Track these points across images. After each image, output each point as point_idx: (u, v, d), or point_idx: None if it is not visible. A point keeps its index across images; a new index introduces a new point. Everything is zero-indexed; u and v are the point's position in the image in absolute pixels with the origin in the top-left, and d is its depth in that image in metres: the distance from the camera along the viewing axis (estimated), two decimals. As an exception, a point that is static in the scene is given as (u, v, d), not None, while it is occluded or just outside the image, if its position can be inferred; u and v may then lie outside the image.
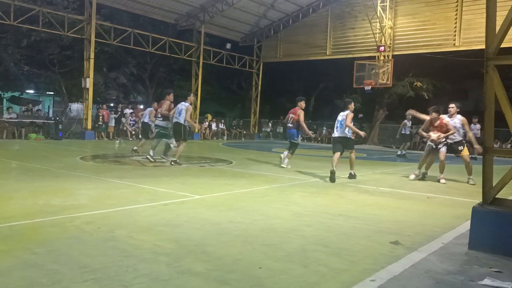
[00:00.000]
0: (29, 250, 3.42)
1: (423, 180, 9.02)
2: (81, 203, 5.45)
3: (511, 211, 3.80)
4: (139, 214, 4.86)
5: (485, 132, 4.11)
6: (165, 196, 6.00)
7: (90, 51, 18.80)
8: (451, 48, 20.15)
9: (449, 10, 19.90)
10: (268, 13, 24.47)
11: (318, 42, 24.46)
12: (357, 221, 4.92)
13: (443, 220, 5.21)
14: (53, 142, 16.83)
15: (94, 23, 18.74)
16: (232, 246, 3.75)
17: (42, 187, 6.40)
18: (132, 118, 21.04)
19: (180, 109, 9.97)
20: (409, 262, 3.48)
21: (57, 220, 4.42)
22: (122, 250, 3.50)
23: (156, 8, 21.65)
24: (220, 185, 7.40)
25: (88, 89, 18.84)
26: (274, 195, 6.63)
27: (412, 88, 24.99)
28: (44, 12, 17.72)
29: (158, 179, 7.63)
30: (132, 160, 11.08)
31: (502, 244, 3.75)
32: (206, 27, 23.79)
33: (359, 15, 22.49)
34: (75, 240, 3.76)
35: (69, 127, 20.67)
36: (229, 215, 4.95)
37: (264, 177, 8.79)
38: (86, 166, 9.63)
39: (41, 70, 23.62)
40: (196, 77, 24.27)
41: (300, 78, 34.22)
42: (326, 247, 3.85)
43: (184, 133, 10.05)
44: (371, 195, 6.98)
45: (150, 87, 31.34)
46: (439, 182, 8.79)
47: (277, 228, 4.45)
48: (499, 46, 3.90)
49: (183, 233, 4.12)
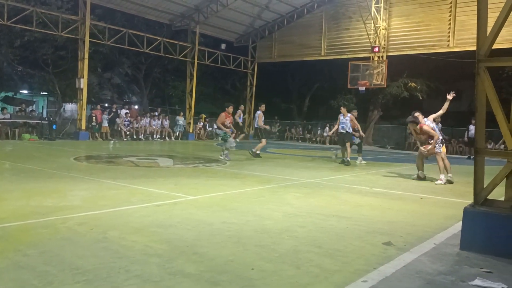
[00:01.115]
0: (20, 251, 3.41)
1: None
2: (74, 204, 5.43)
3: (501, 212, 3.83)
4: (132, 215, 4.85)
5: (477, 133, 4.15)
6: (158, 197, 5.99)
7: (84, 51, 18.73)
8: (445, 49, 20.27)
9: (443, 11, 20.01)
10: (262, 14, 24.50)
11: (313, 42, 24.53)
12: (350, 222, 4.93)
13: (435, 220, 5.24)
14: (47, 142, 16.74)
15: (88, 23, 18.66)
16: (224, 247, 3.76)
17: (35, 188, 6.37)
18: (127, 119, 20.99)
19: (255, 116, 13.66)
20: (401, 263, 3.50)
21: (50, 221, 4.40)
22: (114, 251, 3.49)
23: (151, 9, 21.60)
24: (213, 185, 7.39)
25: (82, 89, 18.77)
26: (268, 195, 6.64)
27: (406, 89, 25.11)
28: (38, 12, 17.62)
29: (151, 180, 7.61)
30: (126, 160, 11.05)
31: (492, 244, 3.78)
32: (200, 27, 23.77)
33: (354, 16, 22.56)
34: (67, 241, 3.74)
35: (63, 128, 20.58)
36: (222, 216, 4.96)
37: (258, 177, 8.80)
38: (80, 167, 9.60)
39: (35, 70, 23.48)
40: (191, 78, 24.24)
41: (294, 78, 34.28)
42: (318, 248, 3.86)
43: (260, 134, 13.40)
44: (364, 195, 7.00)
45: (144, 88, 31.24)
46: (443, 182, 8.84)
47: (270, 229, 4.46)
48: (491, 48, 3.92)
49: (175, 234, 4.12)
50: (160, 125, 22.47)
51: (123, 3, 20.58)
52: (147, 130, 21.77)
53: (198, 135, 24.51)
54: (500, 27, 3.84)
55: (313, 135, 27.82)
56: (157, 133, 22.07)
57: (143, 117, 22.28)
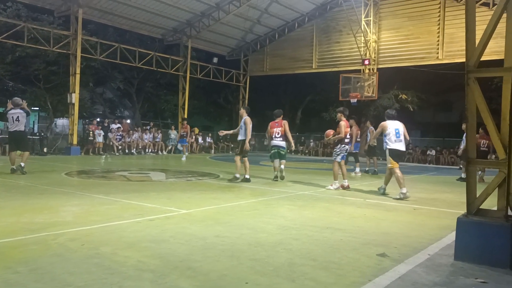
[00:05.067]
0: (10, 269, 3.34)
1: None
2: (65, 220, 5.36)
3: (495, 221, 3.84)
4: (124, 230, 4.79)
5: (468, 143, 4.17)
6: (151, 212, 5.94)
7: (76, 66, 18.69)
8: (434, 61, 20.57)
9: (432, 24, 20.34)
10: (254, 28, 24.73)
11: (304, 56, 24.76)
12: (345, 234, 4.92)
13: (429, 231, 5.24)
14: (38, 158, 16.59)
15: (80, 38, 18.67)
16: (218, 261, 3.72)
17: (26, 204, 6.28)
18: (119, 133, 20.90)
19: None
20: (396, 275, 3.48)
21: (40, 238, 4.33)
22: (106, 267, 3.44)
23: (143, 24, 21.71)
24: (207, 199, 7.35)
25: (73, 104, 18.70)
26: (261, 208, 6.61)
27: (397, 101, 25.35)
28: (29, 27, 17.63)
29: (144, 194, 7.55)
30: (118, 175, 10.97)
31: (487, 254, 3.78)
32: (193, 41, 23.89)
33: (344, 30, 22.85)
34: (58, 257, 3.68)
35: (55, 143, 20.42)
36: (216, 230, 4.92)
37: (251, 190, 8.77)
38: (72, 182, 9.51)
39: (26, 85, 23.40)
40: (183, 91, 24.29)
41: (286, 91, 34.48)
42: (313, 260, 3.83)
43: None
44: (358, 207, 7.00)
45: (137, 102, 31.23)
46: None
47: (264, 242, 4.42)
48: (479, 59, 3.98)
49: (168, 248, 4.07)
50: (152, 139, 22.39)
51: (115, 18, 20.67)
52: (139, 144, 21.68)
53: (191, 149, 24.42)
54: (488, 38, 3.90)
55: (306, 147, 27.87)
56: (149, 147, 21.98)
57: (135, 131, 22.20)
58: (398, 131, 8.37)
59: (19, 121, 10.33)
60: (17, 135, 10.47)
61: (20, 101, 10.67)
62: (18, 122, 10.32)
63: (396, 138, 8.32)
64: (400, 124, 8.51)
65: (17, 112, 10.36)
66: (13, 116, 10.30)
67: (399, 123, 8.53)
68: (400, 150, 8.43)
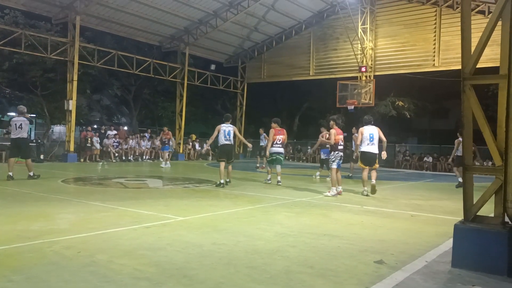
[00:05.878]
0: (5, 277, 3.31)
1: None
2: (61, 227, 5.33)
3: (492, 228, 3.84)
4: (120, 237, 4.77)
5: (464, 150, 4.18)
6: (147, 219, 5.91)
7: (73, 73, 18.66)
8: (430, 69, 20.67)
9: (428, 32, 20.46)
10: (251, 35, 24.81)
11: (301, 63, 24.86)
12: (342, 241, 4.90)
13: (427, 238, 5.24)
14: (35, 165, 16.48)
15: (77, 45, 18.68)
16: (215, 269, 3.70)
17: (22, 212, 6.24)
18: (116, 140, 20.85)
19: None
20: (393, 282, 3.47)
21: (36, 245, 4.30)
22: (102, 275, 3.41)
23: (140, 31, 21.75)
24: (203, 206, 7.33)
25: (71, 111, 18.67)
26: (259, 215, 6.59)
27: (394, 108, 25.44)
28: (27, 34, 17.63)
29: (141, 202, 7.52)
30: (115, 182, 10.93)
31: (484, 261, 3.77)
32: (190, 48, 23.95)
33: (341, 37, 22.97)
34: (53, 266, 3.65)
35: (51, 150, 20.34)
36: (213, 237, 4.89)
37: (249, 197, 8.75)
38: (68, 189, 9.46)
39: (23, 92, 23.33)
40: (180, 98, 24.29)
41: (284, 98, 34.52)
42: (310, 268, 3.81)
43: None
44: (355, 214, 6.99)
45: (134, 109, 31.20)
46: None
47: (261, 250, 4.41)
48: (475, 66, 4.00)
49: (165, 256, 4.05)
50: (150, 146, 22.34)
51: (112, 26, 20.70)
52: (136, 151, 21.63)
53: (188, 155, 24.41)
54: (483, 45, 3.93)
55: (303, 154, 27.89)
56: (146, 154, 21.94)
57: (132, 138, 22.16)
58: (372, 135, 9.22)
59: (22, 128, 10.57)
60: (20, 142, 10.69)
61: (25, 109, 11.04)
62: (21, 129, 10.58)
63: (369, 142, 9.21)
64: (375, 128, 9.31)
65: (20, 119, 10.65)
66: (16, 123, 10.56)
67: (374, 127, 9.33)
68: (371, 152, 9.24)
